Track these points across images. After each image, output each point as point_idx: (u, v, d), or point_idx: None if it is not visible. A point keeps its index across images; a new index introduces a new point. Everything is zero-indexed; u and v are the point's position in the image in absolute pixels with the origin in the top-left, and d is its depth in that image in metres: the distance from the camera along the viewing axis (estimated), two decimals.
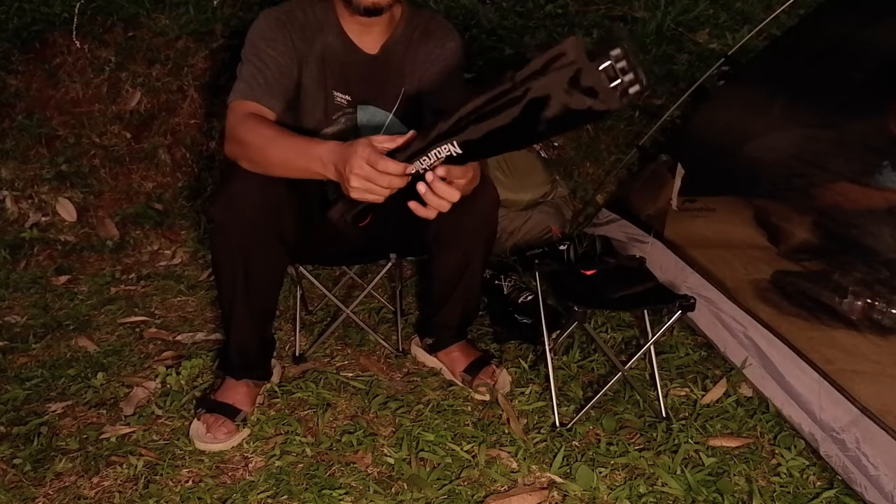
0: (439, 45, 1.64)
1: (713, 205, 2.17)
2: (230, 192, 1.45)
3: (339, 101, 1.65)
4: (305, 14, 1.57)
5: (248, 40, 1.55)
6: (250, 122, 1.42)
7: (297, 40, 1.56)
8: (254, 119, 1.43)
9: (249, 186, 1.43)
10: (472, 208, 1.55)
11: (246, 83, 1.50)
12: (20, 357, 1.97)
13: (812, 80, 2.00)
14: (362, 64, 1.62)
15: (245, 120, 1.43)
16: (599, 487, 1.46)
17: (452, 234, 1.60)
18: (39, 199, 2.77)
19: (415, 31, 1.63)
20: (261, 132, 1.39)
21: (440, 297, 1.79)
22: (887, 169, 1.65)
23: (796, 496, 1.45)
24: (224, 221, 1.46)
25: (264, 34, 1.54)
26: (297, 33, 1.56)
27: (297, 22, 1.56)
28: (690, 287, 2.00)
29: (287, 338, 2.04)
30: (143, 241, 2.76)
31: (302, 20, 1.57)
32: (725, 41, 3.18)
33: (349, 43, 1.60)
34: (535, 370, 1.89)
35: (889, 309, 1.53)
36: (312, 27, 1.57)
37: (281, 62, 1.53)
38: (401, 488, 1.46)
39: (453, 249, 1.66)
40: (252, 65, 1.52)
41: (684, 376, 1.87)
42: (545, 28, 3.23)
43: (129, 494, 1.45)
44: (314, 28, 1.57)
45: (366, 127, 1.67)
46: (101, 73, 2.91)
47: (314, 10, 1.58)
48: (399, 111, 1.66)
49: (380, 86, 1.65)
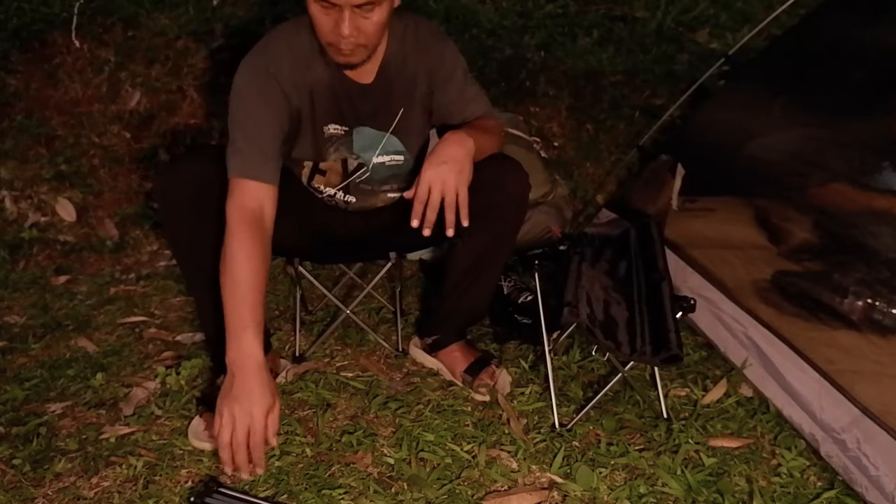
0: (437, 57, 1.57)
1: (713, 205, 2.17)
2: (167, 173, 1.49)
3: (331, 132, 1.58)
4: (292, 50, 1.47)
5: (236, 97, 1.45)
6: (243, 249, 1.35)
7: (287, 88, 1.47)
8: (246, 247, 1.35)
9: (185, 166, 1.47)
10: (504, 191, 1.57)
11: (242, 157, 1.41)
12: (19, 357, 1.97)
13: (812, 80, 2.00)
14: (356, 94, 1.54)
15: (241, 235, 1.36)
16: (600, 488, 1.46)
17: (484, 216, 1.54)
18: (39, 199, 2.77)
19: (405, 44, 1.54)
20: (235, 271, 1.34)
21: (454, 287, 1.75)
22: (888, 169, 1.65)
23: (797, 497, 1.45)
24: (162, 201, 1.47)
25: (252, 92, 1.44)
26: (286, 79, 1.46)
27: (285, 65, 1.46)
28: (691, 287, 2.00)
29: (287, 338, 2.04)
30: (143, 241, 2.75)
31: (290, 61, 1.46)
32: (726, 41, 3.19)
33: (340, 75, 1.51)
34: (535, 370, 1.88)
35: (890, 309, 1.53)
36: (301, 66, 1.47)
37: (273, 121, 1.45)
38: (401, 488, 1.46)
39: (482, 233, 1.60)
40: (245, 132, 1.43)
41: (684, 376, 1.86)
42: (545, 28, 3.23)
43: (128, 495, 1.44)
44: (302, 66, 1.48)
45: (361, 148, 1.62)
46: (101, 72, 2.91)
47: (300, 41, 1.47)
48: (396, 129, 1.61)
49: (376, 109, 1.59)
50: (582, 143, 3.07)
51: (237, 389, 1.29)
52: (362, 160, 1.63)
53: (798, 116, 2.02)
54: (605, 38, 3.26)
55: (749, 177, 2.06)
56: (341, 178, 1.66)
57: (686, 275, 2.05)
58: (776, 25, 2.36)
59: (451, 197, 1.39)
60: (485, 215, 1.56)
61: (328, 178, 1.66)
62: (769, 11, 2.30)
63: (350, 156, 1.63)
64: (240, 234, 1.37)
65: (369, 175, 1.66)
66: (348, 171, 1.65)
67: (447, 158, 1.40)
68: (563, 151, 3.06)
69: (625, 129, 3.07)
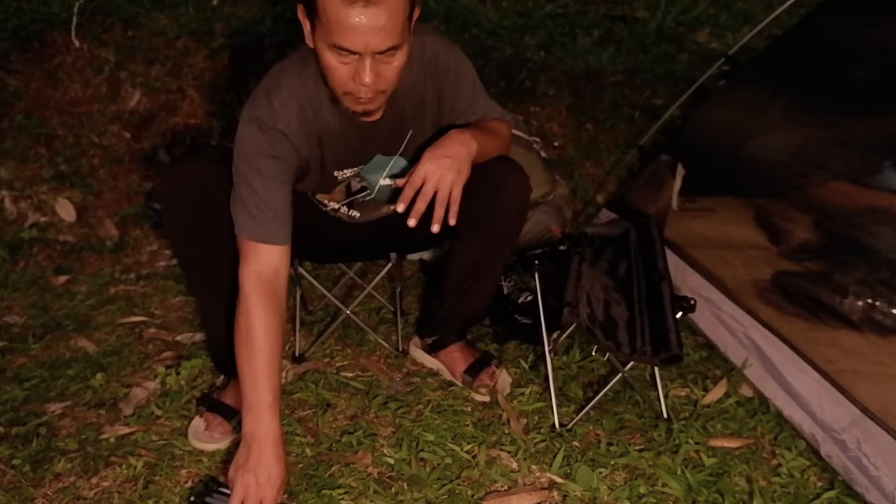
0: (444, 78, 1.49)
1: (713, 205, 2.16)
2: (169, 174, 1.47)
3: (344, 175, 1.55)
4: (298, 99, 1.37)
5: (243, 155, 1.36)
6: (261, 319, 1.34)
7: (296, 142, 1.39)
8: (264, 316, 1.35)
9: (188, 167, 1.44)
10: (504, 192, 1.56)
11: (253, 219, 1.35)
12: (19, 357, 1.97)
13: (812, 80, 2.00)
14: (367, 134, 1.48)
15: (258, 304, 1.35)
16: (600, 488, 1.46)
17: (484, 217, 1.54)
18: (38, 199, 2.77)
19: (415, 72, 1.44)
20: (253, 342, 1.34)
21: (454, 288, 1.75)
22: (888, 168, 1.65)
23: (797, 497, 1.45)
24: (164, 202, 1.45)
25: (261, 152, 1.35)
26: (296, 133, 1.38)
27: (294, 119, 1.37)
28: (691, 287, 2.00)
29: (287, 338, 2.04)
30: (143, 241, 2.75)
31: (297, 113, 1.38)
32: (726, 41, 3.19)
33: (348, 116, 1.41)
34: (535, 370, 1.88)
35: (890, 309, 1.53)
36: (309, 115, 1.39)
37: (284, 180, 1.39)
38: (401, 488, 1.46)
39: (482, 234, 1.59)
40: (254, 193, 1.35)
41: (685, 376, 1.86)
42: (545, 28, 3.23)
43: (128, 495, 1.44)
44: (311, 115, 1.40)
45: (368, 171, 1.58)
46: (101, 72, 2.91)
47: (307, 89, 1.38)
48: (405, 151, 1.57)
49: (386, 140, 1.52)
50: (582, 143, 3.07)
51: (253, 461, 1.30)
52: (367, 183, 1.62)
53: (798, 116, 2.02)
54: (605, 38, 3.26)
55: (749, 177, 2.06)
56: (345, 196, 1.66)
57: (686, 275, 2.05)
58: (776, 25, 2.36)
59: (444, 193, 1.35)
60: (485, 217, 1.56)
61: (332, 196, 1.65)
62: (769, 11, 2.30)
63: (353, 178, 1.60)
64: (257, 302, 1.34)
65: (373, 197, 1.65)
66: (352, 191, 1.64)
67: (449, 154, 1.37)
68: (563, 151, 3.06)
69: (625, 129, 3.07)
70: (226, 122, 2.93)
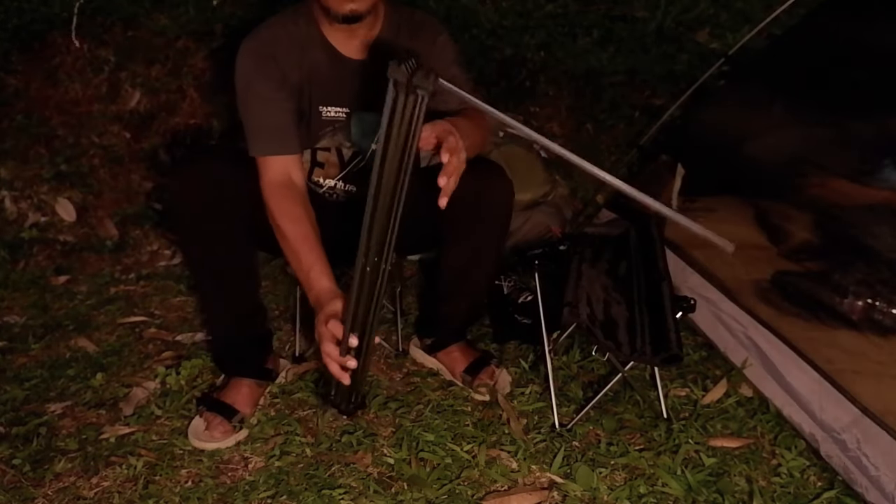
0: (429, 41, 1.59)
1: (713, 205, 2.16)
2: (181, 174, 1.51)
3: (330, 116, 1.61)
4: (289, 33, 1.53)
5: (241, 82, 1.52)
6: (283, 213, 1.46)
7: (286, 69, 1.52)
8: (285, 210, 1.46)
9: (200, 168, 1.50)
10: (487, 198, 1.57)
11: (259, 137, 1.51)
12: (19, 357, 1.97)
13: (812, 80, 1.99)
14: (352, 72, 1.57)
15: (278, 204, 1.47)
16: (600, 488, 1.46)
17: (467, 224, 1.58)
18: (39, 199, 2.77)
19: (399, 29, 1.58)
20: (284, 233, 1.45)
21: (447, 292, 1.77)
22: (888, 168, 1.65)
23: (797, 497, 1.45)
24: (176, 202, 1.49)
25: (253, 73, 1.51)
26: (285, 61, 1.52)
27: (282, 48, 1.52)
28: (691, 287, 2.00)
29: (287, 338, 2.04)
30: (143, 241, 2.75)
31: (286, 43, 1.52)
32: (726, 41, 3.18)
33: (334, 53, 1.55)
34: (535, 370, 1.88)
35: (890, 309, 1.53)
36: (297, 47, 1.53)
37: (277, 95, 1.51)
38: (401, 488, 1.46)
39: (467, 240, 1.63)
40: (255, 112, 1.51)
41: (685, 376, 1.86)
42: (545, 28, 3.23)
43: (128, 495, 1.44)
44: (299, 48, 1.53)
45: (359, 135, 1.63)
46: (101, 72, 2.91)
47: (297, 25, 1.53)
48: None
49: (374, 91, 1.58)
50: (582, 143, 3.07)
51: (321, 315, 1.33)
52: (358, 148, 1.65)
53: (798, 116, 2.02)
54: (605, 38, 3.25)
55: (749, 177, 2.06)
56: (339, 168, 1.68)
57: (686, 275, 2.05)
58: (776, 25, 2.35)
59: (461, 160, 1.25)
60: (469, 223, 1.58)
61: (327, 171, 1.68)
62: (769, 11, 2.30)
63: (344, 144, 1.64)
64: (277, 203, 1.47)
65: (365, 164, 1.66)
66: (344, 160, 1.67)
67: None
68: None
69: (625, 129, 3.07)
70: (226, 122, 2.93)
